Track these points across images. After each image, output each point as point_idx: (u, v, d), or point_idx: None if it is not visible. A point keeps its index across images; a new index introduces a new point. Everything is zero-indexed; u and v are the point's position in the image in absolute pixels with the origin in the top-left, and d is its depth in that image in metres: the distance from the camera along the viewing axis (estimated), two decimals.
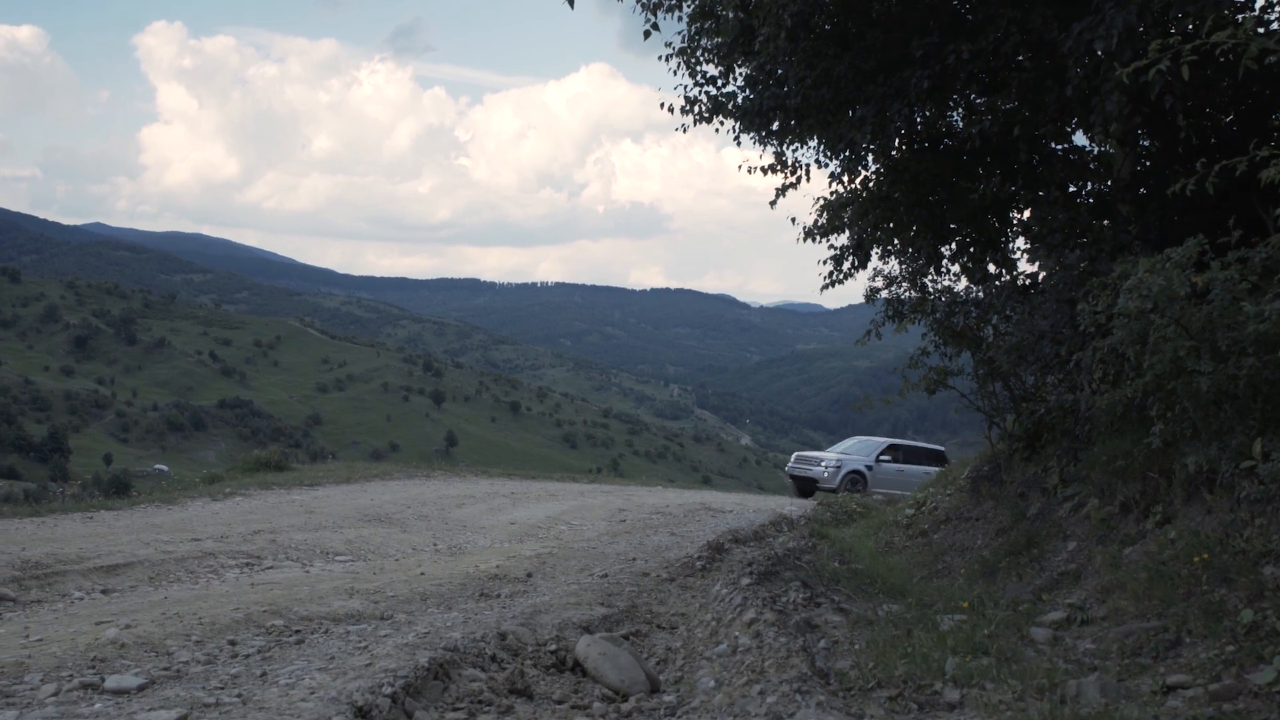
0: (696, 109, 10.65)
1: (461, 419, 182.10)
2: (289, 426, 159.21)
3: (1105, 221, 9.32)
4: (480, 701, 4.79)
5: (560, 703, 5.00)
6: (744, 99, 10.24)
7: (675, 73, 10.72)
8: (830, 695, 3.86)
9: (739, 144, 10.56)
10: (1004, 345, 9.26)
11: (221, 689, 4.60)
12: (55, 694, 4.61)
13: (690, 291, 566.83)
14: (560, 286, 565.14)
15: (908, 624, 5.38)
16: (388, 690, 4.34)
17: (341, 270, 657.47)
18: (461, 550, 10.85)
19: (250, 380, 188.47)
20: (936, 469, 28.64)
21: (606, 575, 8.93)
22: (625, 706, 4.95)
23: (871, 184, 10.85)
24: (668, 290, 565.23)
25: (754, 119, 10.09)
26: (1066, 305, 8.24)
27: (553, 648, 5.85)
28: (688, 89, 10.75)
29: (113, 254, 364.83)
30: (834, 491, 26.58)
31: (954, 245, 11.30)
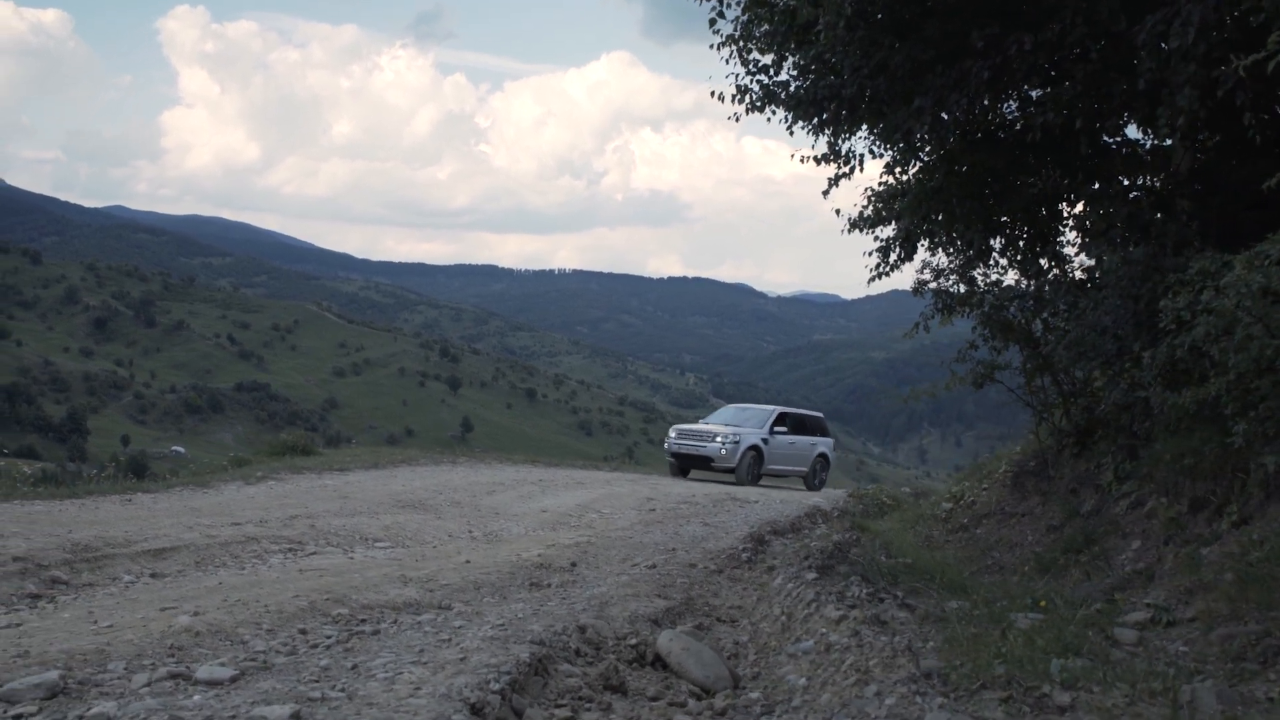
0: (748, 98, 10.55)
1: (477, 405, 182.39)
2: (306, 410, 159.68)
3: (1159, 215, 9.19)
4: (580, 698, 4.73)
5: (655, 699, 4.93)
6: (797, 88, 10.12)
7: (728, 61, 10.61)
8: (943, 696, 3.78)
9: (791, 133, 10.46)
10: (1064, 340, 9.13)
11: (317, 682, 4.53)
12: (147, 684, 4.55)
13: (707, 280, 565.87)
14: (578, 274, 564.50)
15: (985, 622, 5.29)
16: (495, 687, 4.27)
17: (360, 255, 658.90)
18: (498, 538, 10.82)
19: (268, 364, 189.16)
20: (822, 440, 26.36)
21: (654, 566, 8.88)
22: (718, 704, 4.87)
23: (924, 175, 10.73)
24: (685, 279, 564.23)
25: (808, 108, 9.97)
26: (1130, 301, 8.12)
27: (633, 642, 5.78)
28: (739, 77, 10.65)
29: (133, 236, 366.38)
30: (731, 471, 23.78)
31: (1004, 238, 11.19)
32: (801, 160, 10.83)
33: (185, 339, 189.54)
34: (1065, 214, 10.95)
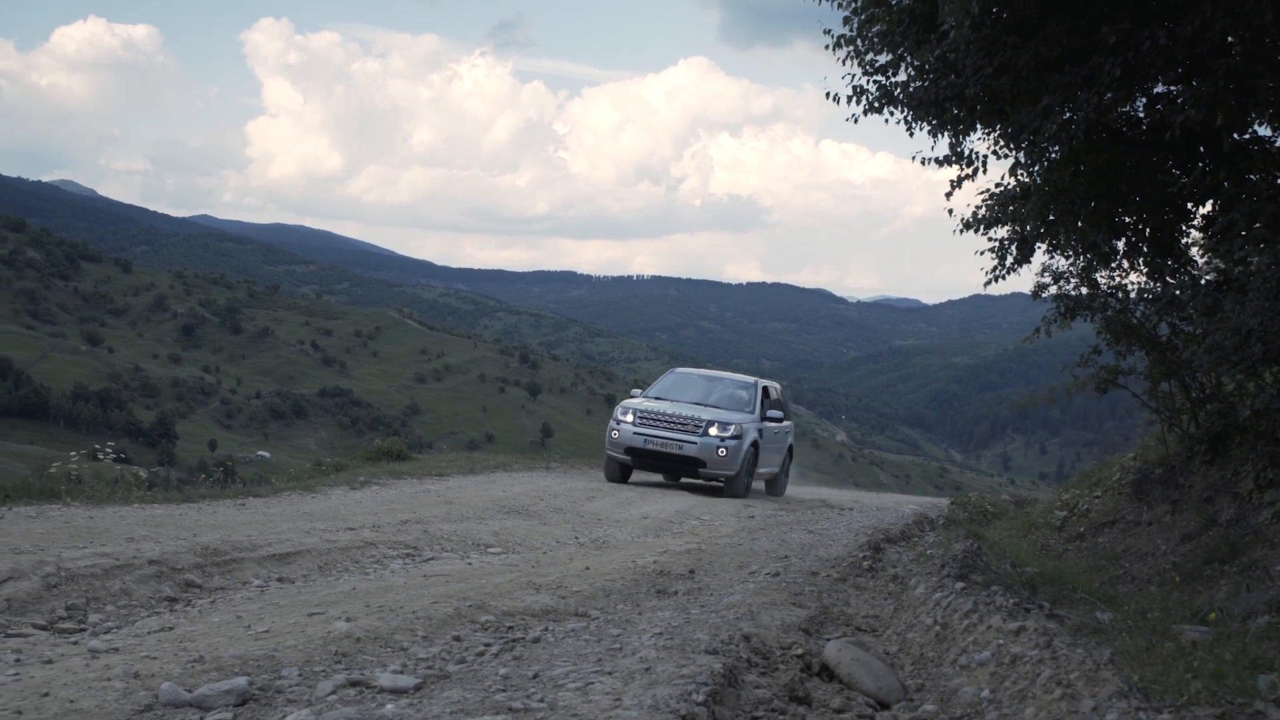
0: (865, 99, 10.40)
1: (557, 410, 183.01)
2: (388, 416, 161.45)
3: None
4: (773, 710, 4.63)
5: (840, 711, 4.81)
6: (916, 88, 9.95)
7: (844, 62, 10.47)
8: (1164, 713, 3.62)
9: (911, 134, 10.31)
10: (1203, 345, 8.85)
11: (504, 691, 4.46)
12: (332, 691, 4.53)
13: (786, 285, 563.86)
14: (656, 280, 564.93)
15: (1147, 634, 5.11)
16: (698, 698, 4.18)
17: (440, 262, 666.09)
18: (606, 544, 10.79)
19: (350, 370, 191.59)
20: (790, 426, 19.71)
21: (777, 574, 8.76)
22: (902, 717, 4.74)
23: (1050, 176, 10.50)
24: (764, 284, 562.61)
25: (929, 109, 9.81)
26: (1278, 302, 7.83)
27: (798, 652, 5.67)
28: (855, 78, 10.51)
29: (219, 245, 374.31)
30: (723, 481, 16.78)
31: (1127, 240, 10.91)
32: (923, 162, 10.67)
33: (270, 345, 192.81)
34: (1192, 213, 10.64)
